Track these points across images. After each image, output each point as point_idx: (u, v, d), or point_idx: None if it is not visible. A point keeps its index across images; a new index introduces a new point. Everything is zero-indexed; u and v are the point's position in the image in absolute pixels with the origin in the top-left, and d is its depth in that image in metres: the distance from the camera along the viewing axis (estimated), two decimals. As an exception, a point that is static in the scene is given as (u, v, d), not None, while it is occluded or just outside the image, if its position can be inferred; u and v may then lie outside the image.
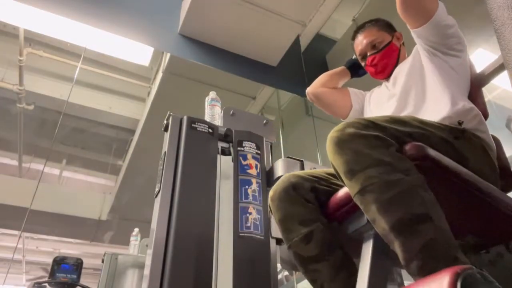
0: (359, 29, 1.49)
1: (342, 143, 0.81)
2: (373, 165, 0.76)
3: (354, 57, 1.60)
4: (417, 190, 0.74)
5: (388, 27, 1.46)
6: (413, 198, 0.73)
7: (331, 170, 1.09)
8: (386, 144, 0.79)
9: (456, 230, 0.83)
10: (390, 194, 0.73)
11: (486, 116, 1.25)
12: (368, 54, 1.44)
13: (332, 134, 0.84)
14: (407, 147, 0.81)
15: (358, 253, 0.91)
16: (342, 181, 0.84)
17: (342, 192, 0.97)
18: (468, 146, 0.99)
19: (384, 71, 1.43)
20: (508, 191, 1.09)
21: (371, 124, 0.82)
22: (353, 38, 1.51)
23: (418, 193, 0.74)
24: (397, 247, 0.73)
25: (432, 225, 0.71)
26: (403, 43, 1.48)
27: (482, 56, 3.29)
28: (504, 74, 0.73)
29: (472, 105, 1.13)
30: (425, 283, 0.58)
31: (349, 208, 0.94)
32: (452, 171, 0.84)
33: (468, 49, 1.29)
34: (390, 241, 0.75)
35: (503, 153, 1.17)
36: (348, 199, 0.93)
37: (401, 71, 1.35)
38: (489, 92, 3.71)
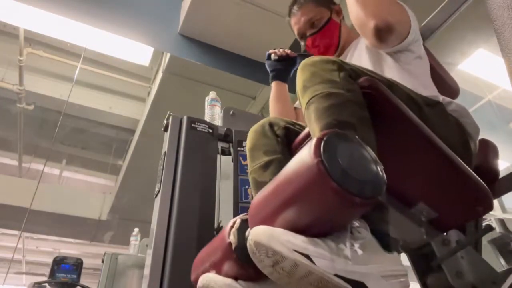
0: (294, 3, 1.37)
1: (304, 66, 0.84)
2: (322, 82, 0.78)
3: (270, 57, 1.42)
4: (352, 104, 0.75)
5: (326, 1, 1.36)
6: (345, 109, 0.74)
7: None
8: (340, 69, 0.81)
9: (406, 191, 0.81)
10: (326, 104, 0.75)
11: (457, 90, 1.25)
12: (308, 34, 1.34)
13: (303, 61, 0.86)
14: (362, 78, 0.80)
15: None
16: (299, 99, 0.86)
17: (306, 129, 0.99)
18: (439, 116, 0.95)
19: (328, 52, 1.35)
20: (496, 196, 1.05)
21: (339, 59, 0.84)
22: (289, 14, 1.39)
23: (352, 107, 0.75)
24: None
25: (355, 133, 0.69)
26: (343, 17, 1.38)
27: (482, 56, 3.28)
28: (505, 74, 0.73)
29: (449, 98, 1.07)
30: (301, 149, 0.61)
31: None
32: (401, 112, 0.80)
33: (468, 49, 1.28)
34: None
35: (495, 160, 1.11)
36: (308, 135, 0.94)
37: (356, 50, 1.25)
38: (489, 92, 3.71)
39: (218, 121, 1.61)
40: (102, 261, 2.36)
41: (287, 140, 1.05)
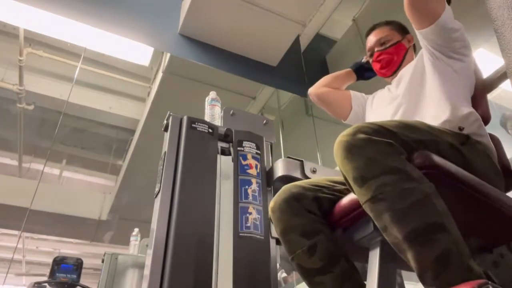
0: (373, 27, 1.51)
1: (352, 149, 0.78)
2: (387, 173, 0.74)
3: (362, 59, 1.61)
4: (431, 199, 0.73)
5: (401, 29, 1.47)
6: (427, 207, 0.72)
7: (333, 178, 1.08)
8: (398, 152, 0.77)
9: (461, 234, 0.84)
10: (404, 203, 0.72)
11: (488, 120, 1.24)
12: (376, 50, 1.45)
13: (342, 138, 0.81)
14: (415, 155, 0.80)
15: (363, 260, 0.89)
16: (351, 187, 0.82)
17: (348, 198, 0.95)
18: (473, 152, 0.99)
19: (388, 67, 1.43)
20: (509, 190, 1.09)
21: (382, 129, 0.81)
22: (366, 35, 1.52)
23: (432, 202, 0.73)
24: (410, 257, 0.72)
25: (446, 234, 0.70)
26: (413, 46, 1.48)
27: (482, 56, 3.28)
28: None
29: (471, 109, 1.13)
30: None
31: (356, 215, 0.92)
32: (459, 178, 0.84)
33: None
34: (402, 250, 0.73)
35: (503, 153, 1.17)
36: (354, 206, 0.90)
37: (405, 74, 1.35)
38: (489, 92, 3.71)
39: (218, 121, 1.61)
40: (102, 261, 2.35)
41: (323, 213, 0.99)
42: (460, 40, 1.19)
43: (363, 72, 1.61)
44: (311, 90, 1.62)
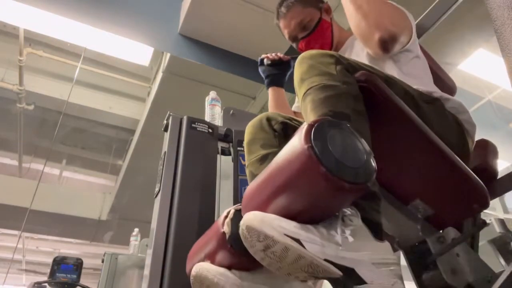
0: (281, 5, 1.33)
1: (302, 59, 0.84)
2: (319, 75, 0.79)
3: (263, 65, 1.39)
4: (348, 97, 0.75)
5: (314, 2, 1.32)
6: (341, 101, 0.74)
7: None
8: (338, 62, 0.81)
9: (402, 186, 0.81)
10: (322, 95, 0.75)
11: (454, 89, 1.25)
12: (300, 37, 1.30)
13: (301, 54, 0.86)
14: (358, 73, 0.80)
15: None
16: (297, 93, 0.85)
17: (303, 124, 0.97)
18: (436, 113, 0.94)
19: None
20: (494, 196, 1.03)
21: (337, 53, 0.84)
22: (277, 17, 1.35)
23: (347, 99, 0.75)
24: None
25: (349, 124, 0.69)
26: (333, 15, 1.35)
27: (482, 56, 3.28)
28: (505, 74, 0.73)
29: (447, 94, 1.06)
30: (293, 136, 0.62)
31: None
32: (398, 107, 0.79)
33: (468, 49, 1.28)
34: None
35: (495, 160, 1.10)
36: None
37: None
38: (489, 92, 3.71)
39: (218, 121, 1.61)
40: (102, 261, 2.35)
41: (285, 134, 1.05)
42: (415, 42, 1.12)
43: (283, 78, 1.38)
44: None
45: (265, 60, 1.39)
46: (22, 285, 6.73)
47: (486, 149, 1.11)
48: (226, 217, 0.72)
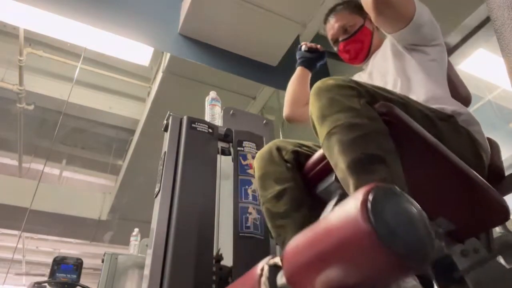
0: (330, 12, 1.43)
1: (320, 91, 0.82)
2: (343, 111, 0.77)
3: (301, 48, 1.49)
4: (377, 135, 0.75)
5: (361, 9, 1.33)
6: (371, 141, 0.73)
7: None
8: (359, 95, 0.80)
9: (427, 207, 0.81)
10: (351, 136, 0.74)
11: (469, 100, 1.26)
12: (340, 39, 1.38)
13: (315, 85, 0.85)
14: (378, 104, 0.80)
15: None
16: (315, 130, 0.84)
17: (318, 153, 0.97)
18: (452, 130, 0.95)
19: (358, 57, 1.38)
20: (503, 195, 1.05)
21: (353, 81, 0.83)
22: (325, 21, 1.44)
23: (378, 138, 0.74)
24: (351, 188, 0.72)
25: (385, 166, 0.71)
26: (377, 26, 1.38)
27: (482, 56, 3.28)
28: (505, 74, 0.73)
29: (459, 105, 1.09)
30: (346, 200, 0.58)
31: (323, 166, 0.94)
32: (419, 134, 0.81)
33: (468, 49, 1.28)
34: (346, 185, 0.74)
35: (499, 157, 1.12)
36: (322, 159, 0.93)
37: (376, 64, 1.30)
38: (489, 92, 3.71)
39: (218, 121, 1.61)
40: (102, 261, 2.35)
41: (297, 164, 1.03)
42: (432, 29, 1.16)
43: (313, 64, 1.47)
44: (288, 116, 1.43)
45: (303, 47, 1.50)
46: (22, 285, 6.73)
47: (492, 148, 1.11)
48: (261, 275, 0.66)
